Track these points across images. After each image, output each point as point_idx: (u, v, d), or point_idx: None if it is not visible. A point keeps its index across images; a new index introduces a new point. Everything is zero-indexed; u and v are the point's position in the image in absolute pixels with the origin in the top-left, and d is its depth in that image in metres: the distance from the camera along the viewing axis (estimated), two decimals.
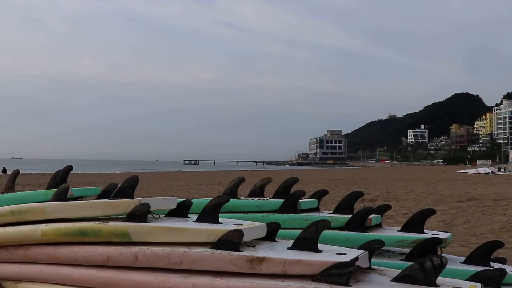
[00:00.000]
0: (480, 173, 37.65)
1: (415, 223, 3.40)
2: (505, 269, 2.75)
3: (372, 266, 2.71)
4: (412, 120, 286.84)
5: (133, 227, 2.81)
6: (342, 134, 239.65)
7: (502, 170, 45.10)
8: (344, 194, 5.16)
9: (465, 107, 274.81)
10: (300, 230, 2.75)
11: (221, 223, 2.94)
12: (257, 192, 4.04)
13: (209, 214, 2.99)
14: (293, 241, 2.73)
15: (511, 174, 37.05)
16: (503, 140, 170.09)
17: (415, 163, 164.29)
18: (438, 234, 3.31)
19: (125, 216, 2.95)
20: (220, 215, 3.04)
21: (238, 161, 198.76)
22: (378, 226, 3.61)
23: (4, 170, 45.39)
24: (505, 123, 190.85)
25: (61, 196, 3.28)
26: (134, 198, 3.08)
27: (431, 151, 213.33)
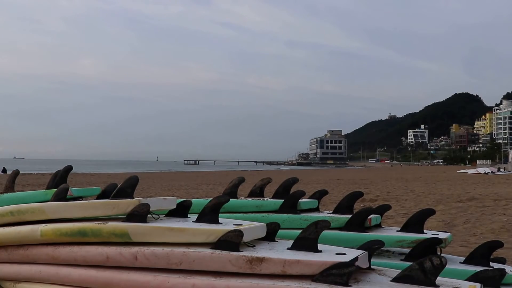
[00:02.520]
0: (480, 173, 37.67)
1: (414, 223, 3.39)
2: (504, 269, 2.74)
3: (372, 266, 2.70)
4: (412, 120, 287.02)
5: (133, 227, 2.80)
6: (342, 134, 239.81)
7: (502, 170, 45.12)
8: (344, 194, 5.16)
9: (465, 107, 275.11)
10: (300, 230, 2.74)
11: (221, 223, 2.93)
12: (257, 192, 4.02)
13: (209, 214, 2.98)
14: (293, 241, 2.72)
15: (511, 174, 37.05)
16: (502, 140, 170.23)
17: (415, 163, 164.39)
18: (438, 234, 3.30)
19: (125, 216, 2.94)
20: (220, 215, 3.03)
21: (238, 161, 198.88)
22: (378, 226, 3.60)
23: (4, 170, 45.40)
24: (505, 123, 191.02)
25: (61, 196, 3.27)
26: (134, 198, 3.07)
27: (431, 151, 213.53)
